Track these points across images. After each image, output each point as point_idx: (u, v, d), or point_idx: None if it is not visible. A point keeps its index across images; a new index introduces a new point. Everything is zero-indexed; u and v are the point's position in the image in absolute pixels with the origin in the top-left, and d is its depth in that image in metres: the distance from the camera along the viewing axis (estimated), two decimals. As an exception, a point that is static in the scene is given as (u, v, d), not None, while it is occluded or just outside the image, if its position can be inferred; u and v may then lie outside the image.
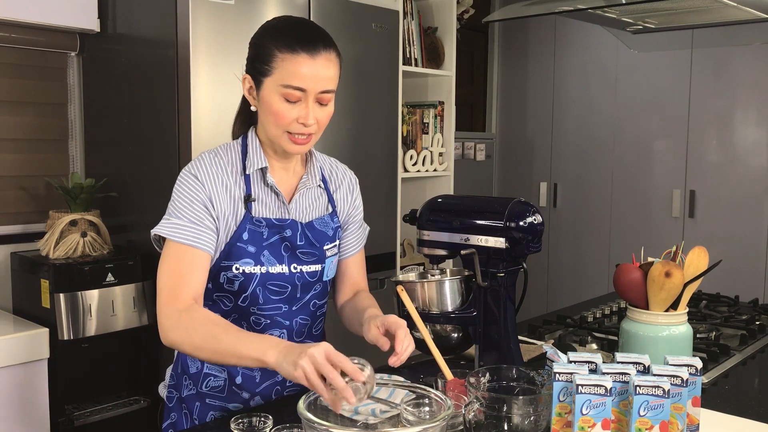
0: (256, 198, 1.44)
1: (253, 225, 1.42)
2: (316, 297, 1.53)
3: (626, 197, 4.13)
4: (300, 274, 1.47)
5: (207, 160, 1.42)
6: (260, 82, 1.37)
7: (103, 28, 2.64)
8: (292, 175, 1.50)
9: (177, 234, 1.35)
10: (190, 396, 1.50)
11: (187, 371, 1.51)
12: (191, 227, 1.36)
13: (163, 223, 1.38)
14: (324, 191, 1.55)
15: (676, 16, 2.44)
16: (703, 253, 1.60)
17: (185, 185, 1.39)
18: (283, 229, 1.44)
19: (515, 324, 1.54)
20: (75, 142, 2.78)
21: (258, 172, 1.45)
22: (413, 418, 1.18)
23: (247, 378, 1.49)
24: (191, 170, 1.41)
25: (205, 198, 1.38)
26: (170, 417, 1.53)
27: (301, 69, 1.33)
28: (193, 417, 1.50)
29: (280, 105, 1.35)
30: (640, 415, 1.15)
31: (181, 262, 1.35)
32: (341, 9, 2.79)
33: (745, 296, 2.55)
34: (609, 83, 4.16)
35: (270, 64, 1.34)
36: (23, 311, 2.46)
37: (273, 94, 1.35)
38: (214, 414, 1.49)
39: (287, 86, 1.34)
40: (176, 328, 1.30)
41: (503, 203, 1.51)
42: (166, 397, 1.55)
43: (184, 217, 1.37)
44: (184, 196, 1.39)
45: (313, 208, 1.52)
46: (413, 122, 3.47)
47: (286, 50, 1.33)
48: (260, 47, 1.38)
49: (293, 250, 1.46)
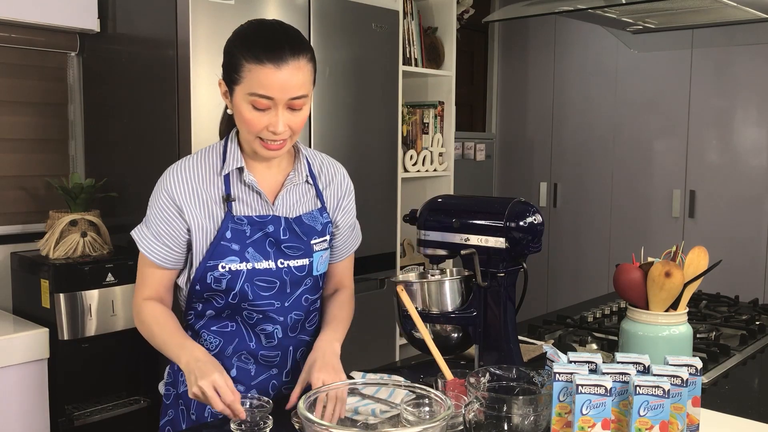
0: (237, 197, 1.46)
1: (235, 224, 1.45)
2: (308, 292, 1.53)
3: (626, 197, 4.13)
4: (287, 269, 1.48)
5: (181, 169, 1.47)
6: (232, 90, 1.41)
7: (103, 28, 2.64)
8: (277, 172, 1.52)
9: (142, 242, 1.49)
10: (187, 391, 1.50)
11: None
12: (153, 241, 1.47)
13: (139, 227, 1.51)
14: (312, 187, 1.56)
15: (676, 16, 2.44)
16: (703, 253, 1.60)
17: (157, 199, 1.48)
18: (265, 226, 1.47)
19: (515, 324, 1.54)
20: (75, 142, 2.78)
21: (236, 171, 1.47)
22: (413, 418, 1.18)
23: (242, 371, 1.50)
24: (164, 184, 1.47)
25: (174, 213, 1.46)
26: (168, 414, 1.55)
27: (267, 79, 1.35)
28: (190, 413, 1.51)
29: (250, 113, 1.38)
30: (640, 415, 1.15)
31: (143, 266, 1.51)
32: (341, 9, 2.79)
33: (745, 296, 2.55)
34: (609, 83, 4.16)
35: (239, 73, 1.37)
36: (23, 311, 2.46)
37: (242, 102, 1.38)
38: (211, 408, 1.48)
39: (254, 94, 1.36)
40: (136, 320, 1.51)
41: (503, 203, 1.51)
42: (164, 394, 1.58)
43: (150, 227, 1.48)
44: (154, 208, 1.48)
45: (301, 203, 1.53)
46: (413, 122, 3.47)
47: (252, 60, 1.35)
48: (230, 56, 1.40)
49: (278, 245, 1.48)
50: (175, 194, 1.45)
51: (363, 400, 1.32)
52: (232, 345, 1.50)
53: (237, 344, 1.50)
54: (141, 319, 1.48)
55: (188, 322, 1.54)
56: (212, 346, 1.50)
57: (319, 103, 2.72)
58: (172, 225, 1.46)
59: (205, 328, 1.51)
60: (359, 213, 1.69)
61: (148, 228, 1.48)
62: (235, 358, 1.50)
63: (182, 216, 1.45)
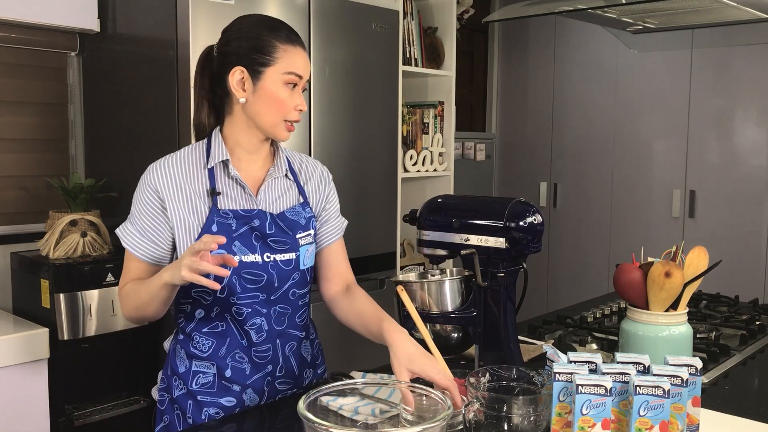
0: (222, 191, 1.48)
1: (221, 217, 1.46)
2: (295, 286, 1.54)
3: (626, 197, 4.13)
4: (274, 263, 1.49)
5: (165, 164, 1.50)
6: (260, 73, 1.44)
7: (103, 28, 2.65)
8: (259, 168, 1.55)
9: (126, 239, 1.51)
10: (182, 396, 1.51)
11: (176, 371, 1.52)
12: (137, 237, 1.49)
13: (123, 224, 1.52)
14: (293, 183, 1.58)
15: (676, 16, 2.44)
16: (703, 253, 1.60)
17: (140, 194, 1.50)
18: (250, 219, 1.48)
19: (515, 324, 1.54)
20: (75, 142, 2.78)
21: (221, 166, 1.50)
22: (413, 418, 1.18)
23: (236, 371, 1.50)
24: (147, 179, 1.49)
25: (157, 209, 1.48)
26: (163, 420, 1.54)
27: (298, 58, 1.47)
28: (187, 417, 1.50)
29: (284, 92, 1.45)
30: (640, 415, 1.15)
31: (128, 260, 1.53)
32: (341, 9, 2.79)
33: (745, 296, 2.55)
34: (609, 83, 4.16)
35: (272, 54, 1.44)
36: (23, 311, 2.46)
37: (276, 83, 1.45)
38: (208, 411, 1.49)
39: (291, 73, 1.45)
40: (121, 304, 1.53)
41: (503, 203, 1.51)
42: (159, 400, 1.56)
43: (135, 224, 1.50)
44: (138, 204, 1.50)
45: (283, 199, 1.55)
46: (413, 122, 3.47)
47: (285, 42, 1.46)
48: (257, 39, 1.45)
49: (264, 239, 1.49)
50: (158, 188, 1.47)
51: (363, 400, 1.32)
52: (225, 345, 1.50)
53: (229, 344, 1.50)
54: (123, 295, 1.50)
55: (179, 326, 1.54)
56: (205, 348, 1.50)
57: (319, 103, 2.72)
58: (156, 220, 1.48)
59: (196, 331, 1.51)
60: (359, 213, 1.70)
61: (132, 224, 1.50)
62: (230, 359, 1.50)
63: (165, 213, 1.47)
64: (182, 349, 1.52)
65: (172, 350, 1.55)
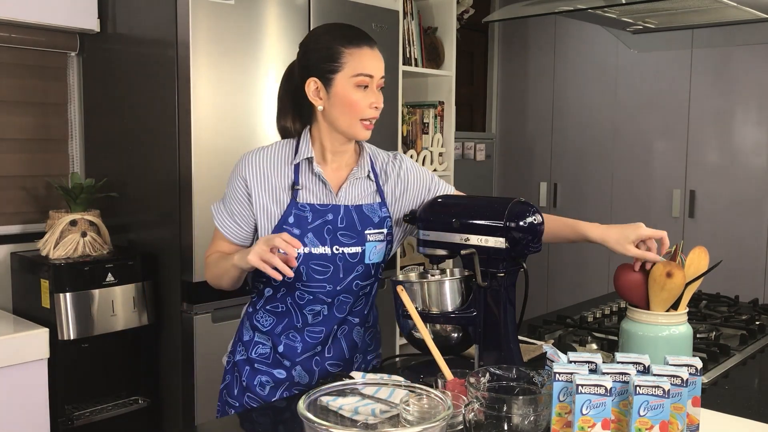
0: (303, 186, 1.60)
1: (298, 210, 1.59)
2: (359, 278, 1.63)
3: (626, 197, 4.13)
4: (341, 255, 1.60)
5: (256, 156, 1.62)
6: (330, 80, 1.55)
7: (103, 28, 2.65)
8: (343, 167, 1.65)
9: (217, 217, 1.67)
10: (242, 361, 1.68)
11: (241, 338, 1.69)
12: (226, 217, 1.65)
13: (216, 203, 1.68)
14: (373, 183, 1.67)
15: (676, 16, 2.44)
16: (703, 254, 1.60)
17: (232, 180, 1.63)
18: (325, 214, 1.59)
19: (515, 324, 1.54)
20: (75, 142, 2.78)
21: (306, 163, 1.61)
22: (413, 418, 1.18)
23: (288, 347, 1.64)
24: (239, 168, 1.62)
25: (244, 196, 1.61)
26: (225, 379, 1.72)
27: (367, 59, 1.57)
28: (242, 380, 1.66)
29: (356, 94, 1.56)
30: (640, 415, 1.15)
31: (216, 237, 1.70)
32: (341, 9, 2.79)
33: (745, 296, 2.54)
34: (609, 83, 4.16)
35: (339, 60, 1.54)
36: (23, 311, 2.46)
37: (347, 86, 1.55)
38: (260, 378, 1.65)
39: (359, 74, 1.55)
40: (205, 270, 1.69)
41: (503, 203, 1.51)
42: (226, 362, 1.75)
43: (226, 205, 1.65)
44: (229, 189, 1.64)
45: (362, 196, 1.65)
46: (413, 122, 3.47)
47: (351, 46, 1.55)
48: (325, 49, 1.55)
49: (334, 232, 1.60)
50: (246, 177, 1.60)
51: (363, 400, 1.32)
52: (282, 324, 1.64)
53: (286, 323, 1.63)
54: (207, 263, 1.68)
55: (252, 299, 1.71)
56: (266, 323, 1.65)
57: (319, 103, 2.72)
58: (242, 205, 1.62)
59: (261, 307, 1.66)
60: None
61: (224, 205, 1.65)
62: (284, 336, 1.63)
63: (250, 200, 1.60)
64: (249, 320, 1.69)
65: (243, 320, 1.72)
